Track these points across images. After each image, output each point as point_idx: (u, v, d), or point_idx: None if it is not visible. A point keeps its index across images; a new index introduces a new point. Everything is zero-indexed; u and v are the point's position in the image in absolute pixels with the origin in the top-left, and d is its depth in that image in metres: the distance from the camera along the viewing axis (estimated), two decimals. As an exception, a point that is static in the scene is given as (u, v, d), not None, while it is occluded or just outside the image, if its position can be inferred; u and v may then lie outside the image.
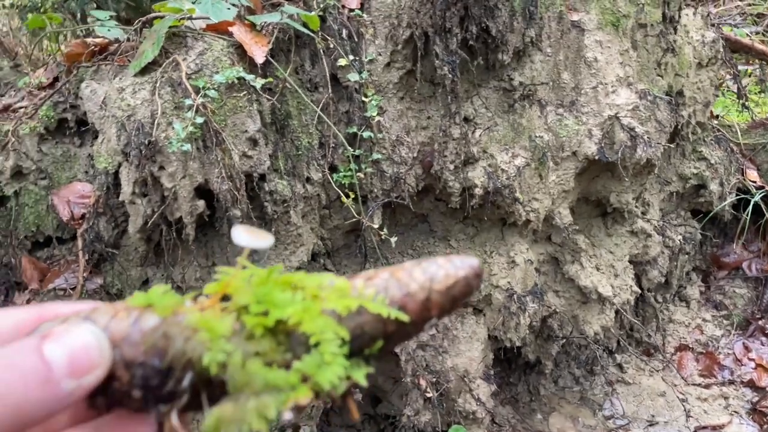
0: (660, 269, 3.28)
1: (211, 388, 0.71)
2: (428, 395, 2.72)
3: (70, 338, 0.64)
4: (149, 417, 0.73)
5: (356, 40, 2.42)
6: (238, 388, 0.69)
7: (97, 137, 2.01)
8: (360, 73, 2.36)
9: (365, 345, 0.73)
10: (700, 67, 3.22)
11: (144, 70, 1.95)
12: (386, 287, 0.75)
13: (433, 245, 2.89)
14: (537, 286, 2.86)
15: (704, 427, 3.13)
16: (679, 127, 3.23)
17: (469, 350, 2.79)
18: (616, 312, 3.13)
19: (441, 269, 0.75)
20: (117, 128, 1.91)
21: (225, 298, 0.77)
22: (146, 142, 1.84)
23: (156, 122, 1.87)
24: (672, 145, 3.12)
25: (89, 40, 2.13)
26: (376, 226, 2.52)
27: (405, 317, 0.71)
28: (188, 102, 1.89)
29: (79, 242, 1.95)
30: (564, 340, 3.11)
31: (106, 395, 0.71)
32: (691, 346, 3.48)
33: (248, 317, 0.73)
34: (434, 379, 2.74)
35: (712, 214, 3.43)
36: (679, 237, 3.34)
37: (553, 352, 3.12)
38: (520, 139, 2.64)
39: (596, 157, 2.69)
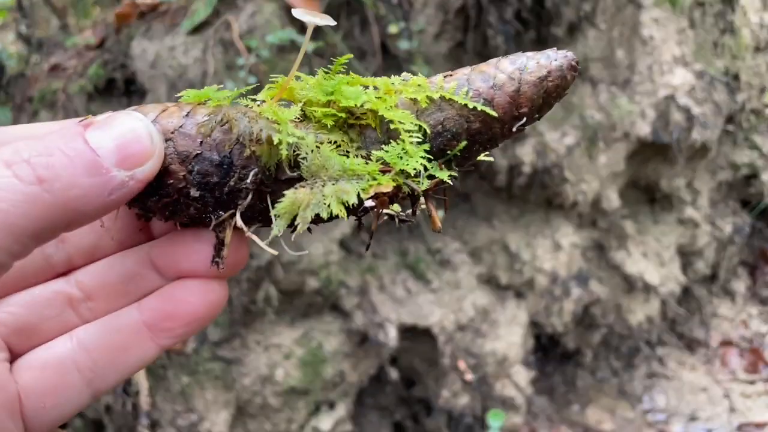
0: (707, 260, 3.18)
1: (277, 186, 0.65)
2: (467, 378, 2.65)
3: (116, 125, 0.57)
4: (206, 231, 0.66)
5: (407, 8, 2.36)
6: (313, 172, 0.63)
7: (145, 96, 1.98)
8: (410, 40, 2.30)
9: (447, 144, 0.67)
10: (758, 51, 3.10)
11: (196, 30, 1.92)
12: (469, 80, 0.68)
13: (474, 225, 2.82)
14: (582, 271, 2.78)
15: (748, 424, 3.02)
16: (733, 113, 3.11)
17: (509, 335, 2.71)
18: (661, 303, 3.03)
19: (532, 60, 0.67)
20: (167, 87, 1.87)
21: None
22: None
23: (207, 82, 1.83)
24: (730, 128, 3.01)
25: (139, 0, 2.10)
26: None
27: (492, 112, 0.64)
28: (241, 61, 1.84)
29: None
30: (606, 330, 3.02)
31: (159, 198, 0.64)
32: (735, 341, 3.37)
33: (316, 108, 0.67)
34: (473, 362, 2.67)
35: (763, 205, 3.31)
36: (729, 228, 3.23)
37: (594, 341, 3.03)
38: (571, 117, 2.56)
39: (650, 139, 2.60)
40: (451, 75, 0.68)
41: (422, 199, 0.67)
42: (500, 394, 2.69)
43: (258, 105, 0.66)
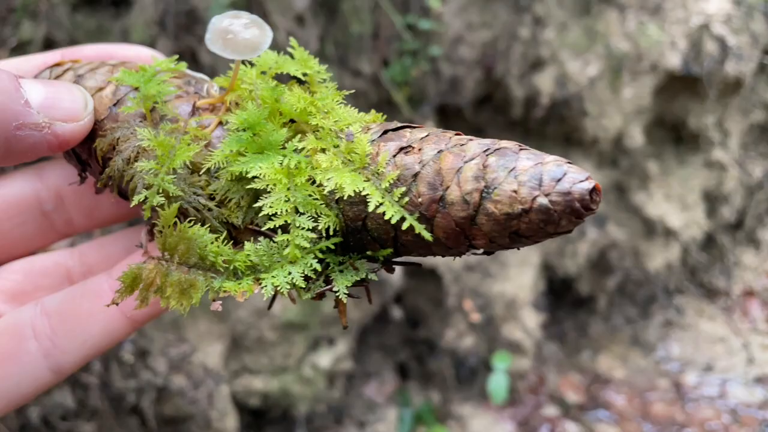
0: (733, 206, 3.01)
1: None
2: (473, 319, 2.56)
3: (56, 84, 0.54)
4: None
5: None
6: (167, 248, 0.53)
7: (132, 7, 1.84)
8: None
9: (368, 245, 0.53)
10: (804, -20, 2.85)
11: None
12: (417, 176, 0.49)
13: (487, 162, 2.68)
14: (600, 212, 2.64)
15: (767, 377, 2.91)
16: (771, 48, 2.89)
17: (519, 276, 2.60)
18: (682, 249, 2.89)
19: (511, 182, 0.45)
20: (153, -4, 1.74)
21: None
22: (185, 10, 1.66)
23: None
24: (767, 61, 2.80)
25: None
26: (428, 134, 2.32)
27: (427, 235, 0.48)
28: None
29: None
30: (622, 275, 2.89)
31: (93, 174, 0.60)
32: (757, 291, 3.23)
33: (218, 153, 0.54)
34: (480, 303, 2.57)
35: (797, 149, 3.11)
36: (758, 173, 3.04)
37: (609, 287, 2.91)
38: (595, 45, 2.37)
39: (679, 71, 2.41)
40: (409, 150, 0.50)
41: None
42: (507, 336, 2.60)
43: (202, 101, 0.58)
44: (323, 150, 0.53)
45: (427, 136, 0.51)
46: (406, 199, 0.48)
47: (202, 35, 1.73)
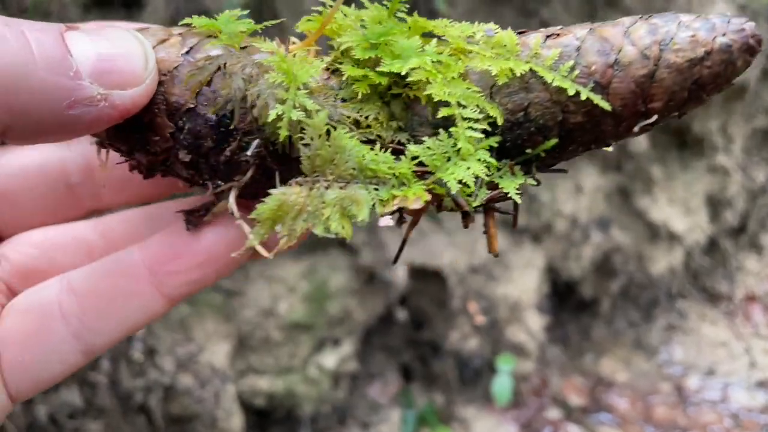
0: (736, 211, 3.03)
1: (288, 165, 0.48)
2: (477, 321, 2.57)
3: (107, 36, 0.44)
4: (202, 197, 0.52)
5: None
6: (317, 166, 0.46)
7: (143, 9, 1.86)
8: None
9: (528, 139, 0.48)
10: (808, -14, 2.87)
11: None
12: (580, 49, 0.46)
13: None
14: (604, 216, 2.65)
15: (768, 382, 2.92)
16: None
17: (524, 279, 2.61)
18: (685, 253, 2.90)
19: (685, 30, 0.44)
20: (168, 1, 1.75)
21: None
22: (197, 11, 1.68)
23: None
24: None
25: None
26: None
27: (605, 104, 0.45)
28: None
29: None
30: (625, 279, 2.90)
31: (146, 153, 0.49)
32: (759, 296, 3.24)
33: (350, 68, 0.48)
34: (484, 305, 2.58)
35: (800, 155, 3.13)
36: (761, 178, 3.06)
37: (612, 290, 2.93)
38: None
39: (684, 75, 2.43)
40: (556, 35, 0.48)
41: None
42: (511, 338, 2.61)
43: (283, 49, 0.49)
44: (465, 51, 0.49)
45: (563, 28, 0.50)
46: (576, 72, 0.46)
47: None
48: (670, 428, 2.74)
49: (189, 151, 0.48)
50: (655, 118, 0.47)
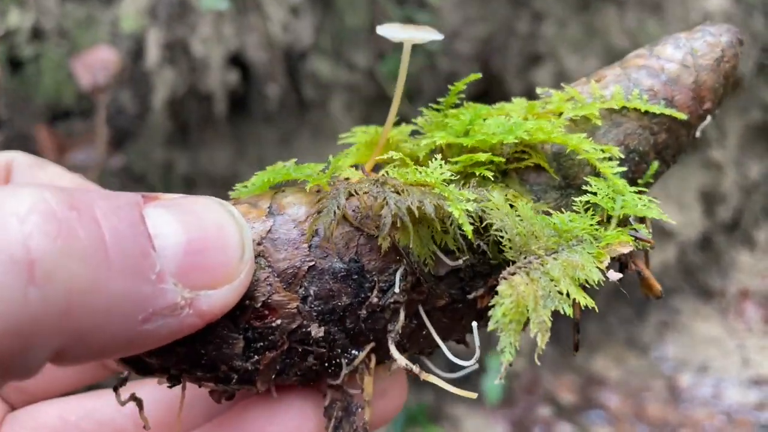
0: (729, 207, 3.00)
1: (435, 288, 0.44)
2: (467, 318, 2.53)
3: (196, 210, 0.34)
4: (316, 391, 0.44)
5: None
6: (521, 246, 0.43)
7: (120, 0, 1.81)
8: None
9: (635, 170, 0.52)
10: (802, -21, 2.84)
11: None
12: (631, 79, 0.52)
13: (483, 160, 2.66)
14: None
15: (761, 378, 2.90)
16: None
17: (515, 275, 2.58)
18: (678, 249, 2.87)
19: (698, 40, 0.53)
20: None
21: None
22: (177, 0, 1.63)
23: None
24: (767, 62, 2.79)
25: None
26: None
27: (680, 114, 0.51)
28: None
29: (102, 114, 1.76)
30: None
31: (253, 355, 0.39)
32: (753, 292, 3.22)
33: (462, 157, 0.46)
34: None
35: (794, 150, 3.10)
36: (755, 173, 3.03)
37: (604, 287, 2.89)
38: (593, 42, 2.35)
39: (678, 68, 2.39)
40: (600, 78, 0.54)
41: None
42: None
43: (346, 178, 0.45)
44: (543, 113, 0.51)
45: (597, 72, 0.55)
46: (645, 96, 0.51)
47: (194, 25, 1.69)
48: (663, 425, 2.71)
49: (322, 320, 0.40)
50: (709, 118, 0.53)
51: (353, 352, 0.43)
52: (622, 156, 0.50)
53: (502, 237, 0.43)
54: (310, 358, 0.41)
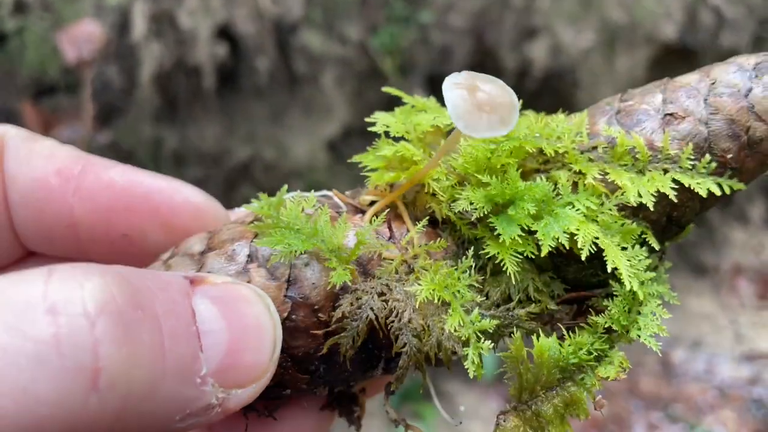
0: (724, 182, 2.99)
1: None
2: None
3: (236, 304, 0.35)
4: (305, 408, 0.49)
5: None
6: (525, 389, 0.46)
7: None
8: None
9: (666, 235, 0.52)
10: (800, -50, 2.80)
11: None
12: (709, 136, 0.47)
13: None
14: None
15: (754, 352, 2.91)
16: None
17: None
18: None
19: (744, 86, 0.48)
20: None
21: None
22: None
23: None
24: (765, 35, 2.76)
25: None
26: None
27: (740, 185, 0.48)
28: None
29: (87, 89, 1.72)
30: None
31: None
32: (746, 268, 3.22)
33: (493, 244, 0.48)
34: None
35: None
36: (749, 148, 3.02)
37: (597, 262, 2.89)
38: (589, 15, 2.31)
39: (675, 43, 2.36)
40: (677, 119, 0.48)
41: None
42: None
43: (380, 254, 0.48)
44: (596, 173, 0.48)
45: (646, 97, 0.50)
46: (713, 165, 0.46)
47: (180, -4, 1.64)
48: (656, 400, 2.73)
49: (327, 384, 0.45)
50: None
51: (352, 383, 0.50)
52: (654, 231, 0.49)
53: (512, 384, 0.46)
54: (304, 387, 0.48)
